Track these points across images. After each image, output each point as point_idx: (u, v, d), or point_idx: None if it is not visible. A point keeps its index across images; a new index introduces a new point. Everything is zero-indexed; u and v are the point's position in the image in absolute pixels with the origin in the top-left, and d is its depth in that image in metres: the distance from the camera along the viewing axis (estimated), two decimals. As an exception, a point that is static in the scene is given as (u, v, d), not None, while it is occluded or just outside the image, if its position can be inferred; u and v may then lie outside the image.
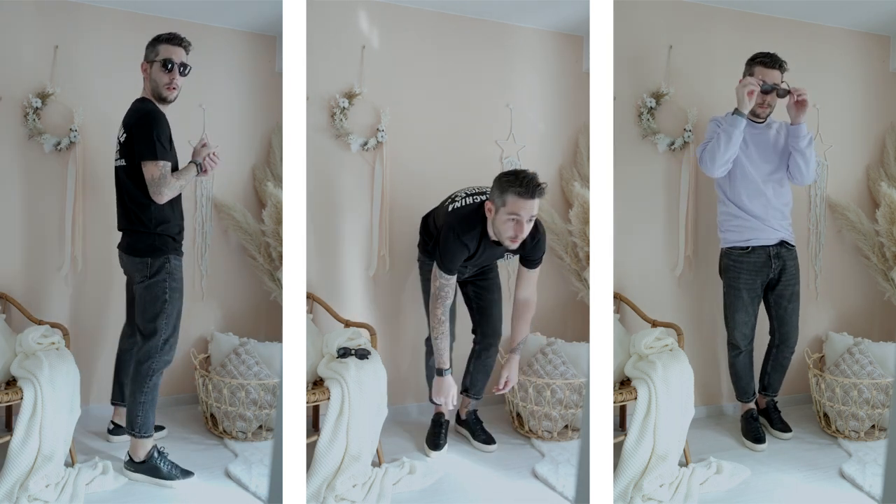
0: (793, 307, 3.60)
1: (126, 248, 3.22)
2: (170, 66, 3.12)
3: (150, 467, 3.17)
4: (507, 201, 2.95)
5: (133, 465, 3.19)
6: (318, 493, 2.98)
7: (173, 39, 3.14)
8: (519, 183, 2.92)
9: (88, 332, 3.72)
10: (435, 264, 3.19)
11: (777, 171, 3.51)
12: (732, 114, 3.34)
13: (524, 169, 3.02)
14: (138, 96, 3.19)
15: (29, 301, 3.52)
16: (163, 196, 3.08)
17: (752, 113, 3.49)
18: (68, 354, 3.19)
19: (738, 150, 3.38)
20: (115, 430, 3.53)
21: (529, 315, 3.33)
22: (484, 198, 3.18)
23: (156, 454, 3.19)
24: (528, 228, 3.00)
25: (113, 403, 3.54)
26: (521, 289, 3.32)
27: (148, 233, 3.15)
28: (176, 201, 3.20)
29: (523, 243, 3.11)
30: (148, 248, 3.15)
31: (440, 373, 3.26)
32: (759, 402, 3.77)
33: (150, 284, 3.15)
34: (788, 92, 3.39)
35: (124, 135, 3.12)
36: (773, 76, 3.42)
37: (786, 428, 3.68)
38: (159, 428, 3.55)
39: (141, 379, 3.17)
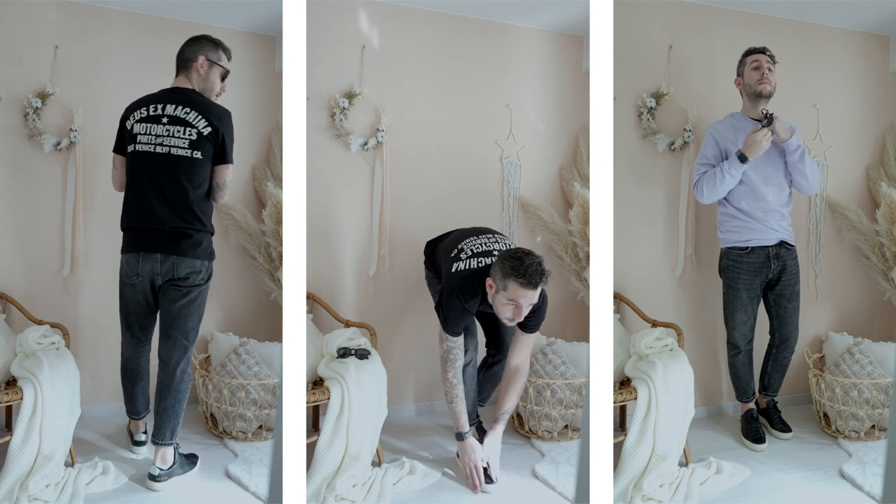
0: (793, 307, 3.60)
1: (185, 251, 2.98)
2: (225, 76, 3.16)
3: (178, 467, 3.16)
4: (508, 287, 2.87)
5: (166, 471, 3.11)
6: (318, 493, 2.98)
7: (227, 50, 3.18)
8: (522, 273, 2.83)
9: (88, 332, 3.72)
10: (440, 328, 3.11)
11: (776, 173, 3.50)
12: (738, 157, 3.36)
13: (530, 252, 2.90)
14: (189, 88, 3.09)
15: (29, 301, 3.52)
16: (224, 200, 3.12)
17: (755, 94, 3.48)
18: (68, 354, 3.19)
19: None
20: (141, 442, 3.42)
21: (520, 384, 3.24)
22: (489, 261, 3.07)
23: (178, 453, 3.18)
24: (526, 312, 2.92)
25: (132, 417, 3.37)
26: (514, 354, 3.22)
27: (207, 233, 3.06)
28: None
29: None
30: (208, 250, 3.06)
31: (460, 437, 3.13)
32: (759, 402, 3.77)
33: (203, 290, 3.08)
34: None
35: (208, 128, 3.00)
36: (763, 58, 3.46)
37: (786, 428, 3.68)
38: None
39: (187, 384, 3.16)
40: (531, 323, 3.13)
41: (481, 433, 3.58)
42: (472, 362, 3.34)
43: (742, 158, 3.36)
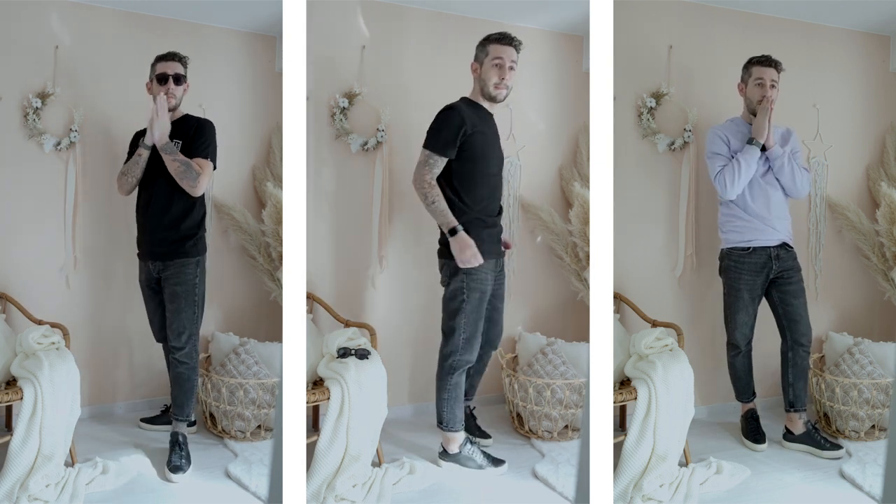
0: (800, 302, 3.53)
1: None
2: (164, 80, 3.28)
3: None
4: (489, 50, 3.24)
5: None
6: (318, 493, 2.98)
7: (167, 56, 3.30)
8: (497, 36, 3.25)
9: (88, 332, 3.72)
10: (421, 153, 3.20)
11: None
12: (749, 143, 3.41)
13: None
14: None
15: (29, 301, 3.52)
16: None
17: (753, 111, 3.50)
18: (68, 354, 3.19)
19: (753, 173, 3.45)
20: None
21: None
22: None
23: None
24: (510, 77, 3.24)
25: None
26: None
27: None
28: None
29: None
30: None
31: (454, 232, 3.13)
32: (794, 426, 3.56)
33: None
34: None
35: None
36: (769, 74, 3.45)
37: (836, 446, 3.47)
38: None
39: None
40: None
41: (473, 422, 3.63)
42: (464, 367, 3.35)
43: (754, 143, 3.40)
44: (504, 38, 3.22)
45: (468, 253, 3.12)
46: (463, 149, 3.16)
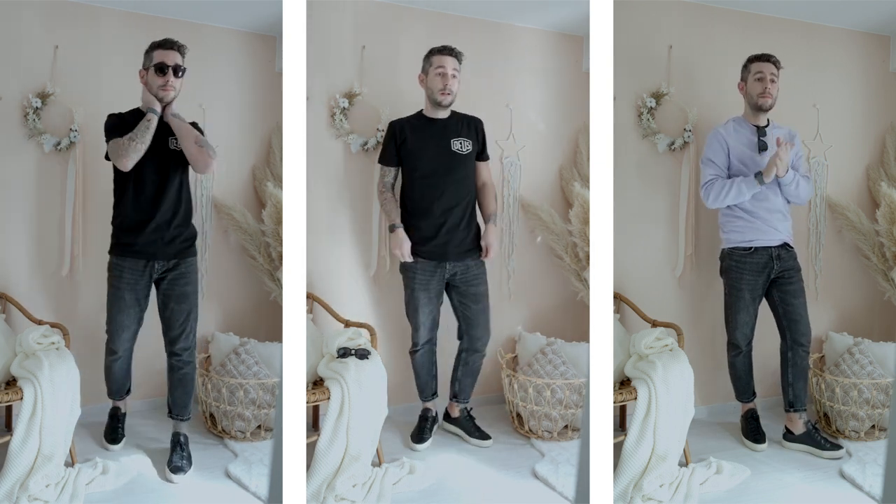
0: (800, 302, 3.53)
1: None
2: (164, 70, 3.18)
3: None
4: (433, 61, 3.47)
5: None
6: (318, 493, 2.98)
7: (165, 44, 3.19)
8: (440, 48, 3.48)
9: (88, 332, 3.71)
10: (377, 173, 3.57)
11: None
12: (755, 177, 3.40)
13: None
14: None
15: (29, 301, 3.52)
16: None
17: (756, 105, 3.49)
18: (68, 354, 3.19)
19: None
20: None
21: (493, 191, 3.63)
22: None
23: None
24: (453, 84, 3.46)
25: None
26: (479, 178, 3.62)
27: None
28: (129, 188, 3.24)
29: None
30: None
31: (391, 229, 3.49)
32: (794, 426, 3.56)
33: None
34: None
35: None
36: (769, 68, 3.47)
37: (836, 446, 3.48)
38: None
39: None
40: (482, 153, 3.63)
41: (472, 423, 3.64)
42: (431, 340, 3.60)
43: (759, 178, 3.39)
44: (445, 50, 3.47)
45: (397, 251, 3.48)
46: (401, 156, 3.50)
